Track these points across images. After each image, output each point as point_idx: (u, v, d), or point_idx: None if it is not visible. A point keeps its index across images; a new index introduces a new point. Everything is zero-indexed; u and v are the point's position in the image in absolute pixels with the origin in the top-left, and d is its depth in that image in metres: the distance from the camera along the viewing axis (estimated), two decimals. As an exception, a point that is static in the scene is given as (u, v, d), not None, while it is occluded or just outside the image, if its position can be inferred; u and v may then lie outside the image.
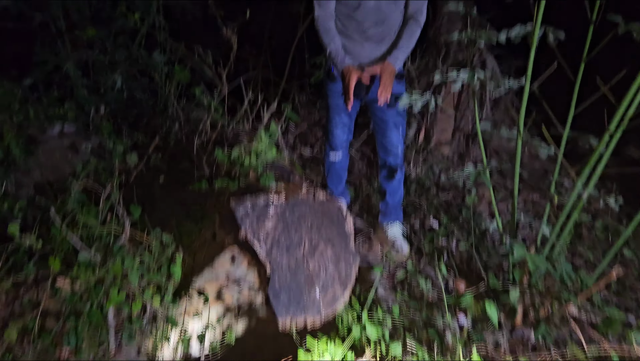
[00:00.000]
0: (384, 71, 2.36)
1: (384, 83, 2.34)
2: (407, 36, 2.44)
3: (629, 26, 2.08)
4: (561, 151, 2.32)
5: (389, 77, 2.35)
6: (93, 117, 3.87)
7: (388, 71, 2.36)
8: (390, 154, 2.66)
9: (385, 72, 2.35)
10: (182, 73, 3.51)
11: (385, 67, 2.37)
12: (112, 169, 2.71)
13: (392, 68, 2.38)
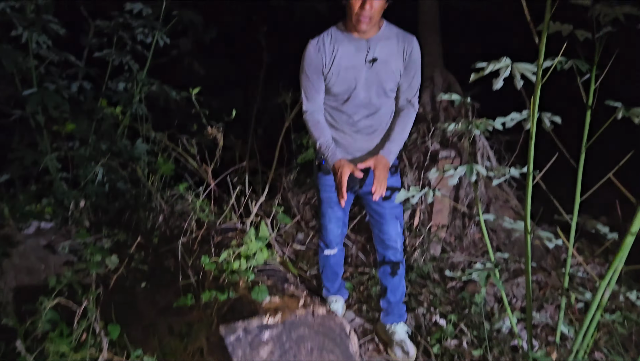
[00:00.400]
0: (377, 165, 2.23)
1: (378, 178, 2.20)
2: (401, 127, 2.35)
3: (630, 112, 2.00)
4: (571, 243, 2.18)
5: (383, 171, 2.23)
6: (72, 211, 3.71)
7: (382, 165, 2.23)
8: (389, 248, 2.50)
9: (378, 166, 2.23)
10: (165, 165, 3.39)
11: (378, 161, 2.24)
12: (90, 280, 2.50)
13: (386, 161, 2.26)
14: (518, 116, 2.21)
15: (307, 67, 2.28)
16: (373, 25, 2.18)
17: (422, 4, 4.49)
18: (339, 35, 2.25)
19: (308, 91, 2.33)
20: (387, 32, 2.26)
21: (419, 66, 2.31)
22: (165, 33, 4.03)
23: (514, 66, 1.90)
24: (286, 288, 2.01)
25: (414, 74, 2.31)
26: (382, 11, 2.16)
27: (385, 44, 2.24)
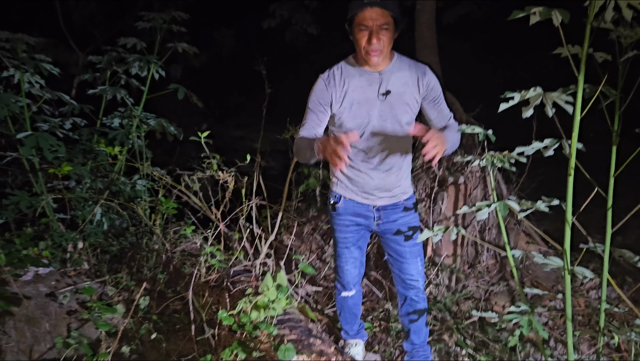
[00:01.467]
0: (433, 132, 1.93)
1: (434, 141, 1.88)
2: (449, 129, 2.21)
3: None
4: (604, 276, 2.09)
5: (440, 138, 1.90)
6: (71, 254, 3.57)
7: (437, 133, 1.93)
8: (412, 288, 2.38)
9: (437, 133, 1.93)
10: (167, 204, 3.26)
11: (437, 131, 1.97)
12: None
13: (445, 137, 1.98)
14: (540, 144, 2.13)
15: (312, 100, 2.20)
16: (384, 58, 2.11)
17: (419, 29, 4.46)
18: (349, 69, 2.18)
19: (307, 123, 2.22)
20: (399, 63, 2.18)
21: (440, 92, 2.24)
22: (160, 66, 3.94)
23: (545, 95, 1.82)
24: (312, 343, 1.88)
25: (439, 101, 2.24)
26: (391, 43, 2.09)
27: (399, 76, 2.16)
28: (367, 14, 1.99)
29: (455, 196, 3.66)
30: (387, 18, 2.01)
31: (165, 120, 3.93)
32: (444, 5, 7.06)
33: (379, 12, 1.99)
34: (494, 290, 3.47)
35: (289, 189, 3.01)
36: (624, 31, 1.89)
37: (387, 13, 2.00)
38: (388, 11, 1.99)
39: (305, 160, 2.20)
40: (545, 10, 1.49)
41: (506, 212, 1.94)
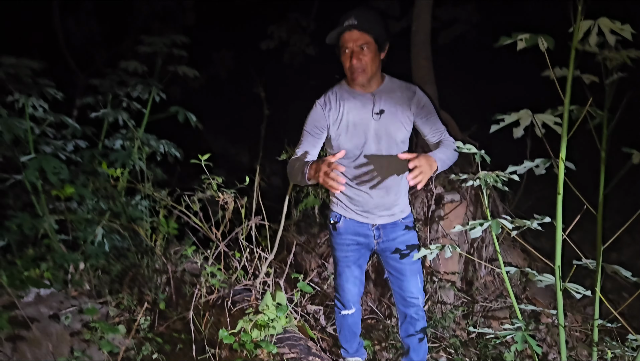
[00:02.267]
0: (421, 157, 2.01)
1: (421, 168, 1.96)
2: (443, 148, 2.24)
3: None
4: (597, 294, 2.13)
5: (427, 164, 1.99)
6: (72, 275, 3.60)
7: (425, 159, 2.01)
8: (412, 306, 2.42)
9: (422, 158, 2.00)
10: (169, 224, 3.31)
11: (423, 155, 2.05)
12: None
13: (432, 159, 2.06)
14: (531, 163, 2.19)
15: (309, 124, 2.30)
16: (371, 77, 2.21)
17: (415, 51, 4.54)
18: (343, 92, 2.28)
19: (304, 146, 2.32)
20: (390, 84, 2.29)
21: (431, 108, 2.31)
22: (161, 89, 4.01)
23: (536, 116, 1.89)
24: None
25: (431, 117, 2.31)
26: (375, 62, 2.18)
27: (390, 96, 2.25)
28: (347, 36, 2.12)
29: (452, 214, 3.71)
30: (366, 38, 2.12)
31: (166, 141, 4.00)
32: (440, 26, 7.20)
33: (356, 34, 2.11)
34: (493, 307, 3.50)
35: (288, 208, 3.06)
36: (609, 54, 1.96)
37: (365, 34, 2.11)
38: (366, 32, 2.10)
39: (296, 182, 2.28)
40: (531, 36, 1.56)
41: (499, 230, 1.99)
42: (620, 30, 1.54)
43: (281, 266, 3.21)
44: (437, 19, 6.95)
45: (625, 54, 1.96)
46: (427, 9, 4.54)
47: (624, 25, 1.54)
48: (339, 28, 2.12)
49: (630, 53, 1.95)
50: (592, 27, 1.56)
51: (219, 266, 2.84)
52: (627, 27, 1.54)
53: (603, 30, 1.55)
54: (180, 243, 3.61)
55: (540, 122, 1.86)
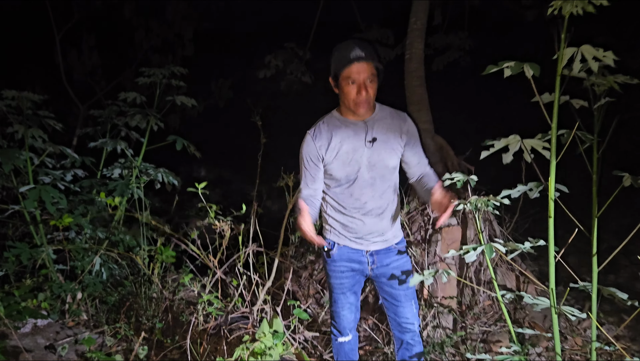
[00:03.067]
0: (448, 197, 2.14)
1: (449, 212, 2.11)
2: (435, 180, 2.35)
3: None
4: (594, 314, 2.13)
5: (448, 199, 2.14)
6: (70, 304, 3.59)
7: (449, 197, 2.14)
8: (408, 332, 2.41)
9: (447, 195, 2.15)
10: (166, 252, 3.32)
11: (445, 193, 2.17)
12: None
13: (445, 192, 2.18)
14: (524, 187, 2.22)
15: (304, 157, 2.32)
16: (371, 107, 2.23)
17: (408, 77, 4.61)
18: (335, 121, 2.29)
19: (305, 178, 2.36)
20: (381, 112, 2.31)
21: (418, 138, 2.38)
22: (159, 118, 4.07)
23: (524, 142, 1.92)
24: (308, 388, 1.91)
25: (417, 145, 2.37)
26: (376, 91, 2.21)
27: (382, 123, 2.28)
28: (354, 68, 2.11)
29: (448, 238, 3.72)
30: (372, 70, 2.14)
31: (164, 170, 4.03)
32: (433, 53, 7.33)
33: (364, 66, 2.11)
34: (492, 331, 3.49)
35: (285, 234, 3.07)
36: (597, 79, 2.01)
37: (372, 65, 2.13)
38: (373, 63, 2.12)
39: None
40: (516, 64, 1.61)
41: (492, 254, 2.01)
42: (603, 57, 1.58)
43: (279, 293, 3.20)
44: (430, 46, 7.09)
45: (612, 79, 2.01)
46: (420, 37, 4.63)
47: (606, 52, 1.58)
48: (346, 59, 2.11)
49: (617, 78, 2.01)
50: (576, 55, 1.60)
51: (216, 294, 2.84)
52: (609, 54, 1.58)
53: (586, 58, 1.59)
54: (177, 271, 3.61)
55: (529, 147, 1.89)
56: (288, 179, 3.06)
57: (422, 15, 4.66)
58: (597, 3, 1.45)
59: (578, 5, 1.45)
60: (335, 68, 2.17)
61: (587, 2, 1.45)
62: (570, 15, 1.64)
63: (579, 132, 2.07)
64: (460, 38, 7.09)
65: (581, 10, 1.47)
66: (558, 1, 1.49)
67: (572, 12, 1.50)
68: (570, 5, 1.46)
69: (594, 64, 1.63)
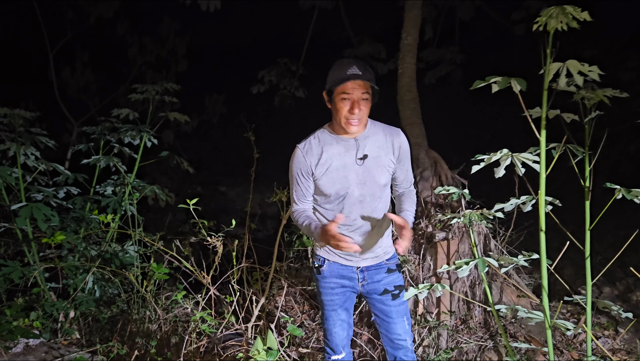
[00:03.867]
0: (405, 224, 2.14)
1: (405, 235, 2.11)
2: (410, 201, 2.37)
3: (631, 193, 2.01)
4: (588, 331, 2.12)
5: (408, 231, 2.14)
6: (62, 323, 3.56)
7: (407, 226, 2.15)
8: (400, 348, 2.39)
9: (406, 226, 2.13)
10: (159, 269, 3.29)
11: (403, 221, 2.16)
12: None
13: (408, 223, 2.20)
14: (517, 201, 2.22)
15: (295, 171, 2.30)
16: (362, 126, 2.22)
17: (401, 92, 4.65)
18: (326, 137, 2.27)
19: (296, 194, 2.34)
20: (373, 128, 2.29)
21: (409, 155, 2.37)
22: (152, 134, 4.07)
23: (514, 156, 1.93)
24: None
25: (408, 164, 2.37)
26: (369, 111, 2.20)
27: (374, 140, 2.26)
28: (349, 85, 2.11)
29: (443, 252, 3.71)
30: (367, 88, 2.13)
31: (157, 186, 4.02)
32: (426, 67, 7.40)
33: (360, 83, 2.11)
34: (487, 346, 3.47)
35: (279, 250, 3.06)
36: (586, 93, 2.03)
37: (367, 85, 2.12)
38: (368, 82, 2.11)
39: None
40: (503, 79, 1.62)
41: (485, 268, 2.01)
42: (589, 72, 1.60)
43: (273, 309, 3.18)
44: (423, 60, 7.16)
45: (601, 93, 2.03)
46: (412, 52, 4.67)
47: (592, 66, 1.60)
48: (342, 75, 2.11)
49: (606, 92, 2.03)
50: (562, 69, 1.62)
51: (209, 311, 2.81)
52: (594, 68, 1.60)
53: (572, 72, 1.61)
54: (171, 288, 3.59)
55: (519, 161, 1.90)
56: (281, 194, 3.06)
57: (414, 31, 4.70)
58: (580, 19, 1.47)
59: (562, 21, 1.47)
60: (330, 83, 2.17)
61: (571, 18, 1.46)
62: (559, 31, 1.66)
63: (570, 145, 2.09)
64: (451, 52, 7.17)
65: (565, 26, 1.49)
66: (543, 17, 1.51)
67: (557, 27, 1.52)
68: (555, 21, 1.48)
69: (579, 78, 1.64)
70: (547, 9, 1.52)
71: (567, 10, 1.48)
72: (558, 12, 1.49)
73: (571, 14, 1.49)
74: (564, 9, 1.48)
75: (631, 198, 2.01)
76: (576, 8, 1.46)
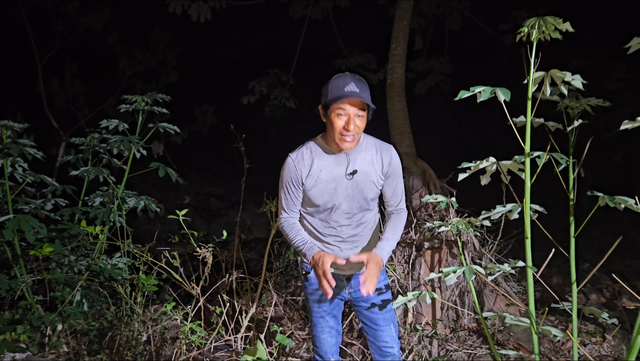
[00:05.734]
0: (370, 260, 2.17)
1: (370, 273, 2.13)
2: (392, 228, 2.35)
3: (614, 201, 2.04)
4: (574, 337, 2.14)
5: (375, 268, 2.16)
6: (49, 336, 3.51)
7: (374, 261, 2.17)
8: (387, 355, 2.39)
9: (371, 261, 2.17)
10: (148, 281, 3.27)
11: (372, 256, 2.19)
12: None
13: (379, 259, 2.21)
14: (504, 209, 2.24)
15: (285, 180, 2.30)
16: (356, 142, 2.21)
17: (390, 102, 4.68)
18: (318, 148, 2.28)
19: (285, 202, 2.34)
20: (365, 143, 2.29)
21: (400, 172, 2.35)
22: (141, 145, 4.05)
23: (500, 164, 1.95)
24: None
25: (397, 181, 2.35)
26: (364, 127, 2.20)
27: (365, 155, 2.27)
28: (347, 102, 2.11)
29: (432, 260, 3.73)
30: (363, 105, 2.13)
31: (146, 197, 4.00)
32: (415, 77, 7.46)
33: (356, 102, 2.11)
34: (477, 353, 3.47)
35: (268, 260, 3.05)
36: (570, 102, 2.06)
37: (364, 103, 2.12)
38: (365, 100, 2.10)
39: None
40: (487, 89, 1.64)
41: (472, 276, 2.02)
42: (572, 80, 1.63)
43: (263, 319, 3.17)
44: (412, 70, 7.22)
45: (585, 102, 2.06)
46: (401, 62, 4.72)
47: (574, 75, 1.62)
48: (340, 92, 2.11)
49: (590, 101, 2.06)
50: (546, 79, 1.64)
51: (199, 322, 2.80)
52: (577, 77, 1.63)
53: (555, 81, 1.63)
54: (160, 300, 3.56)
55: (505, 169, 1.92)
56: (271, 204, 3.06)
57: (403, 41, 4.75)
58: (562, 29, 1.50)
59: (545, 31, 1.50)
60: (327, 98, 2.15)
61: (553, 29, 1.49)
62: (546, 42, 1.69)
63: (555, 153, 2.12)
64: (441, 62, 7.23)
65: (548, 36, 1.52)
66: (525, 28, 1.54)
67: (540, 38, 1.54)
68: (537, 32, 1.51)
69: (563, 87, 1.67)
70: (529, 19, 1.54)
71: (549, 21, 1.50)
72: (540, 23, 1.51)
73: (553, 25, 1.52)
74: (545, 20, 1.51)
75: (614, 205, 2.04)
76: (557, 19, 1.49)
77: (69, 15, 7.93)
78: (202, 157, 8.80)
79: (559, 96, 2.00)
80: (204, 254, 2.69)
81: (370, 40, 8.22)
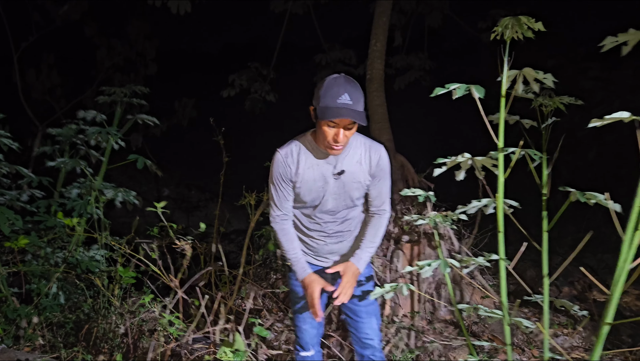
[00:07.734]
0: (346, 272, 2.26)
1: (344, 284, 2.22)
2: (372, 234, 2.36)
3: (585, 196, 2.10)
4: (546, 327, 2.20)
5: (351, 278, 2.26)
6: (25, 329, 3.48)
7: (350, 272, 2.26)
8: (368, 347, 2.44)
9: (347, 272, 2.26)
10: (126, 273, 3.26)
11: (347, 267, 2.27)
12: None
13: (355, 269, 2.29)
14: (479, 203, 2.29)
15: (275, 176, 2.28)
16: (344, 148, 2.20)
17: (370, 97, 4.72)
18: (307, 145, 2.26)
19: (276, 198, 2.33)
20: (354, 142, 2.27)
21: (387, 173, 2.34)
22: (120, 137, 4.03)
23: (474, 160, 1.99)
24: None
25: (383, 182, 2.33)
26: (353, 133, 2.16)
27: (353, 155, 2.26)
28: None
29: (410, 253, 3.78)
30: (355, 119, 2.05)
31: (124, 189, 3.98)
32: (395, 73, 7.51)
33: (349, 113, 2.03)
34: (453, 345, 3.55)
35: (247, 253, 3.07)
36: (543, 100, 2.11)
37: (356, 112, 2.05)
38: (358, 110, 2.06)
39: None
40: (462, 86, 1.68)
41: (447, 269, 2.06)
42: (544, 79, 1.68)
43: (242, 311, 3.18)
44: (392, 66, 7.27)
45: (558, 100, 2.12)
46: (380, 58, 4.75)
47: (546, 74, 1.67)
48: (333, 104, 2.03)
49: (562, 99, 2.12)
50: (519, 77, 1.69)
51: (177, 314, 2.80)
52: (548, 76, 1.68)
53: (528, 79, 1.68)
54: (138, 292, 3.55)
55: (479, 165, 1.96)
56: (250, 197, 3.07)
57: (382, 38, 4.78)
58: (535, 29, 1.54)
59: (518, 30, 1.54)
60: (319, 105, 2.08)
61: (526, 28, 1.54)
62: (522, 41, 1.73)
63: (528, 150, 2.17)
64: (420, 59, 7.30)
65: (521, 35, 1.56)
66: (499, 27, 1.58)
67: (514, 37, 1.59)
68: (510, 31, 1.55)
69: (535, 85, 1.72)
70: (503, 19, 1.59)
71: (522, 21, 1.55)
72: (513, 23, 1.56)
73: (526, 24, 1.56)
74: (518, 20, 1.55)
75: (584, 200, 2.10)
76: (530, 19, 1.53)
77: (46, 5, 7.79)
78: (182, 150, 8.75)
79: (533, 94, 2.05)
80: (182, 246, 2.70)
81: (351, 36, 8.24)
